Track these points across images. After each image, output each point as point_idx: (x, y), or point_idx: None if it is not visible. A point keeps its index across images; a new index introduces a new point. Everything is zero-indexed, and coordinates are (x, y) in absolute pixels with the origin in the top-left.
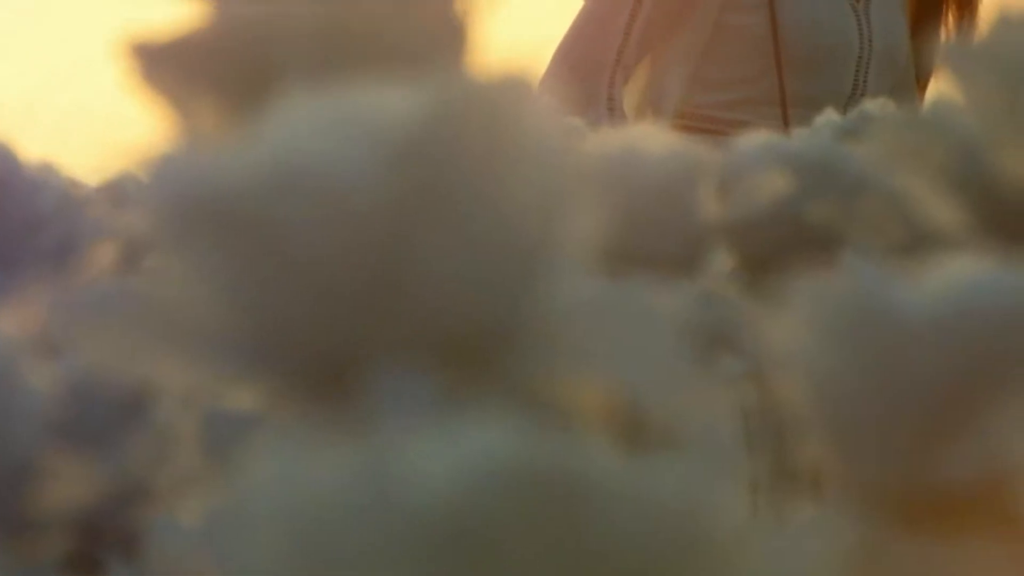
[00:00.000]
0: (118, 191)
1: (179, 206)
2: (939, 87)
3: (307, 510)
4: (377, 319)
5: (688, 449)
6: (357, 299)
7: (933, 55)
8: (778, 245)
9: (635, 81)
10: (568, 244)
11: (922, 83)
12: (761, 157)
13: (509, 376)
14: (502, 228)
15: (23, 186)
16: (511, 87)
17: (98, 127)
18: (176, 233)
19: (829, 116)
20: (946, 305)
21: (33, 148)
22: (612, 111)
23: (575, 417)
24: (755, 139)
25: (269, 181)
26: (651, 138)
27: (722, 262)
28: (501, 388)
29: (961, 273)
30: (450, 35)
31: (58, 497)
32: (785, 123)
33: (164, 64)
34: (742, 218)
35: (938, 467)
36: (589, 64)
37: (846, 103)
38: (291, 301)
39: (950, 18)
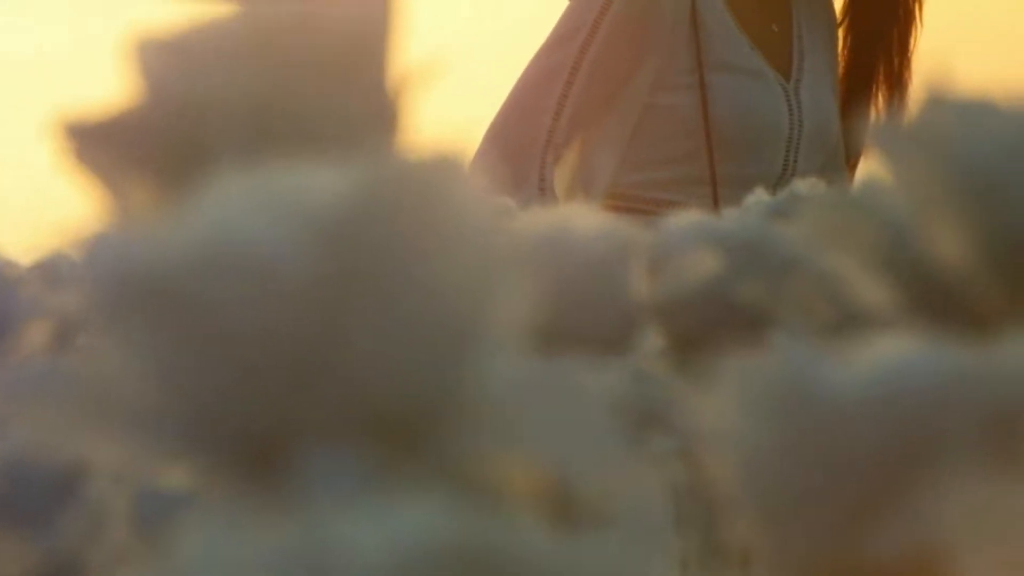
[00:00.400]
0: (52, 270)
1: (112, 285)
2: (869, 167)
3: None
4: (308, 397)
5: (618, 527)
6: (288, 377)
7: (863, 135)
8: (708, 324)
9: (566, 161)
10: (499, 323)
11: (852, 163)
12: (691, 237)
13: (440, 454)
14: (433, 307)
15: None
16: (442, 167)
17: (31, 206)
18: (109, 312)
19: (759, 196)
20: (875, 384)
21: None
22: (543, 191)
23: (506, 495)
24: (685, 219)
25: (201, 260)
26: (582, 218)
27: (653, 341)
28: (432, 466)
29: (890, 352)
30: (382, 115)
31: None
32: (715, 203)
33: (97, 143)
34: (672, 297)
35: (866, 545)
36: (520, 144)
37: (776, 183)
38: (223, 380)
39: (880, 98)
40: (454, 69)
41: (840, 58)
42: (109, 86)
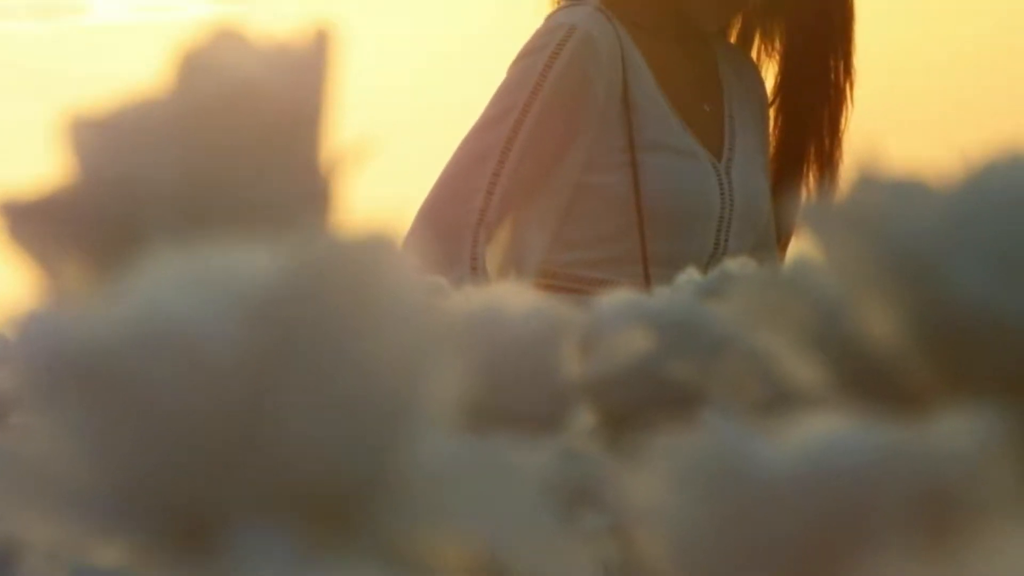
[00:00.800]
0: None
1: (46, 363)
2: (800, 246)
3: None
4: (241, 475)
5: None
6: (221, 455)
7: (794, 214)
8: (639, 402)
9: (498, 240)
10: (431, 401)
11: (783, 242)
12: (623, 315)
13: (373, 531)
14: (365, 385)
15: None
16: (375, 246)
17: None
18: (43, 390)
19: (690, 275)
20: (805, 462)
21: None
22: (475, 270)
23: (438, 572)
24: (617, 298)
25: (134, 339)
26: (514, 297)
27: (584, 419)
28: (365, 543)
29: (821, 431)
30: (314, 193)
31: None
32: (647, 282)
33: (31, 222)
34: (604, 376)
35: None
36: (452, 224)
37: (708, 262)
38: (156, 457)
39: (811, 177)
40: (386, 147)
41: (771, 137)
42: (43, 165)
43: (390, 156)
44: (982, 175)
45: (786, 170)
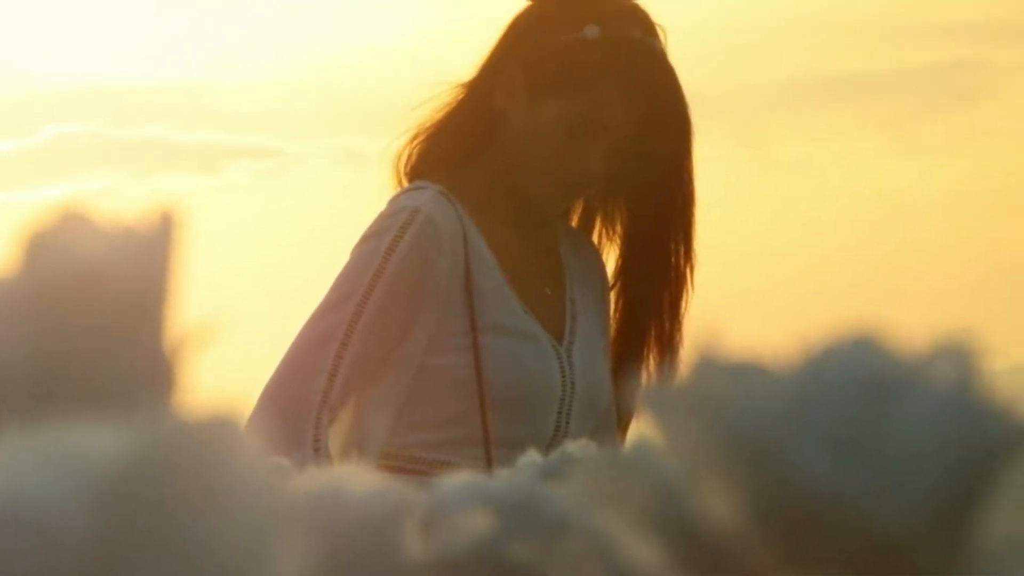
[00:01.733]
0: None
1: None
2: (640, 428)
3: None
4: None
5: None
6: None
7: (634, 397)
8: None
9: (341, 422)
10: None
11: (624, 425)
12: (464, 497)
13: None
14: (210, 565)
15: None
16: (219, 427)
17: None
18: None
19: (531, 457)
20: None
21: None
22: (318, 451)
23: None
24: (458, 479)
25: None
26: (356, 478)
27: None
28: None
29: None
30: (159, 374)
31: None
32: (488, 463)
33: None
34: (445, 557)
35: None
36: (295, 405)
37: (549, 444)
38: None
39: (651, 360)
40: (230, 328)
41: (612, 320)
42: None
43: (234, 337)
44: (820, 359)
45: (627, 353)
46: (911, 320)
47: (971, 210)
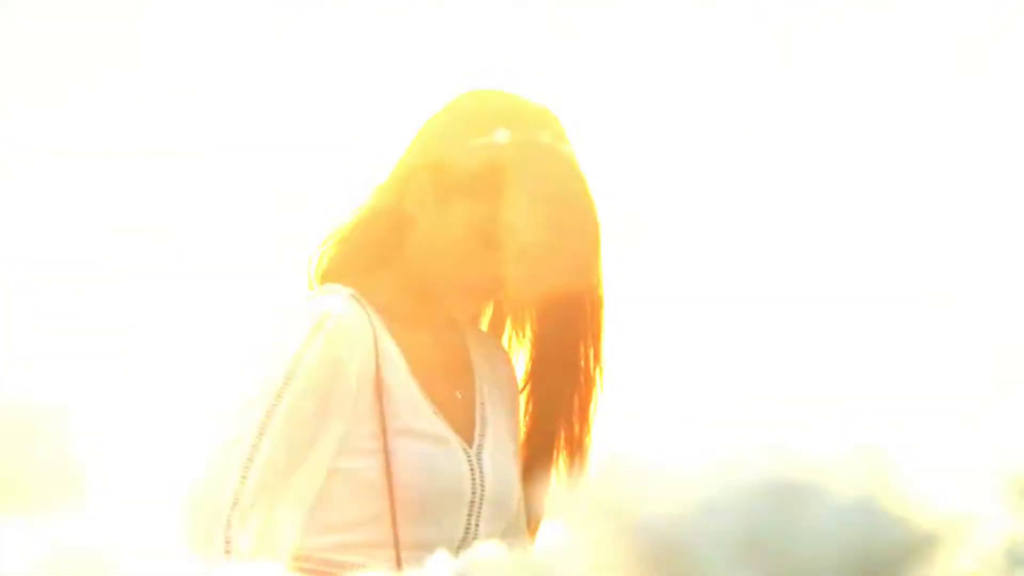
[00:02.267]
0: None
1: None
2: (550, 531)
3: None
4: None
5: None
6: None
7: (544, 499)
8: None
9: (252, 523)
10: None
11: (533, 527)
12: None
13: None
14: None
15: None
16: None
17: None
18: None
19: (441, 559)
20: None
21: None
22: (228, 552)
23: None
24: None
25: None
26: None
27: None
28: None
29: None
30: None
31: None
32: (398, 565)
33: None
34: None
35: None
36: (207, 506)
37: (458, 546)
38: None
39: (561, 463)
40: (141, 438)
41: (522, 423)
42: None
43: (145, 442)
44: (729, 462)
45: (537, 455)
46: (824, 421)
47: None
